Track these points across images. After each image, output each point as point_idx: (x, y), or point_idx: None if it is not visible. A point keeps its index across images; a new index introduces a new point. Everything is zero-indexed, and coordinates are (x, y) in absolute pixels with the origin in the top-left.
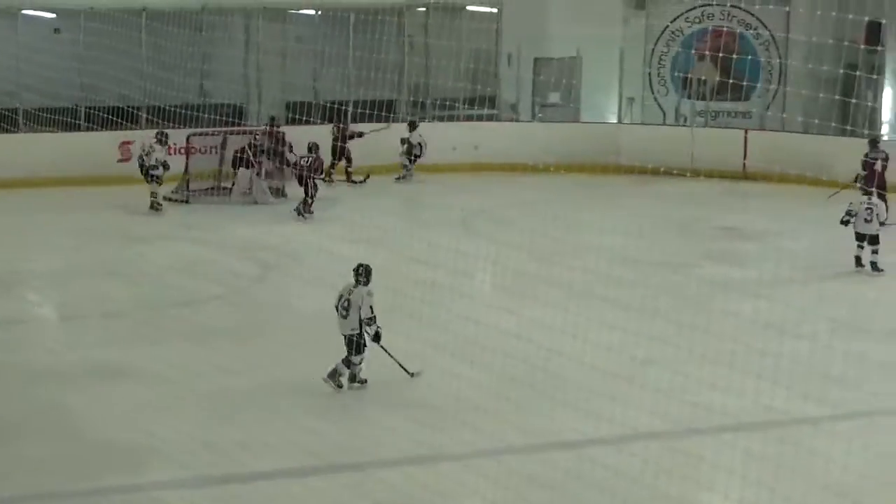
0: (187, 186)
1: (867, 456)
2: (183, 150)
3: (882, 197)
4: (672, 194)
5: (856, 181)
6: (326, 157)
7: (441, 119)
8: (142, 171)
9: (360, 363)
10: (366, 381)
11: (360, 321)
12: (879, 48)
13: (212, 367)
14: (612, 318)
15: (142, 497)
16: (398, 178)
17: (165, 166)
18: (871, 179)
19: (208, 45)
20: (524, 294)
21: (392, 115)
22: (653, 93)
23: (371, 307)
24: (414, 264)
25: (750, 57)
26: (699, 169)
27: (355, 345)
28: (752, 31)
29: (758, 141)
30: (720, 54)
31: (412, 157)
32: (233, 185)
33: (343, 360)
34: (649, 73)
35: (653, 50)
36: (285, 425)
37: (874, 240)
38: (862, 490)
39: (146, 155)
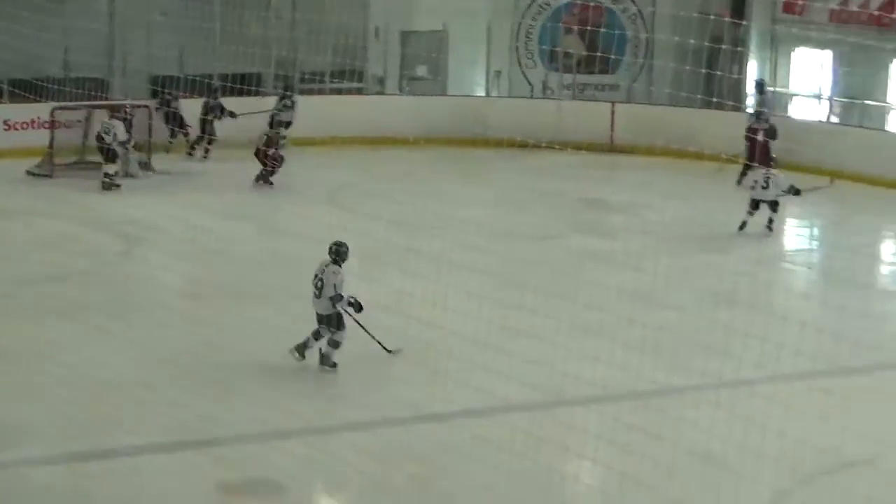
0: (51, 161)
1: (733, 423)
2: (47, 125)
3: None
4: (539, 167)
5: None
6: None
7: (308, 93)
8: (101, 150)
9: (337, 347)
10: (336, 364)
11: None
12: (743, 22)
13: (80, 342)
14: (483, 289)
15: (10, 474)
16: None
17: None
18: (754, 151)
19: (71, 17)
20: (394, 266)
21: (260, 90)
22: (520, 66)
23: (335, 285)
24: (283, 238)
25: (617, 31)
26: (566, 141)
27: (336, 321)
28: (618, 6)
29: (624, 113)
30: (587, 28)
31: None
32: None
33: (329, 342)
34: (516, 47)
35: (520, 23)
36: (156, 400)
37: (773, 205)
38: (727, 456)
39: (106, 133)
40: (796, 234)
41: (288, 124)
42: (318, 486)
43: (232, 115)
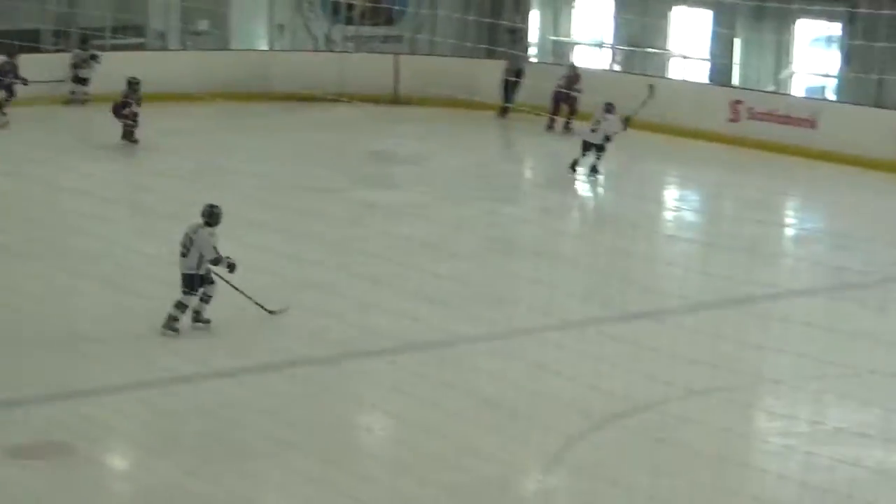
0: None
1: (524, 370)
2: None
3: (573, 112)
4: (324, 120)
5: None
6: None
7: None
8: None
9: (208, 301)
10: (209, 320)
11: (199, 261)
12: None
13: None
14: (272, 243)
15: None
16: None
17: None
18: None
19: None
20: (183, 222)
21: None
22: (303, 19)
23: (214, 247)
24: (68, 196)
25: None
26: (350, 94)
27: (189, 284)
28: None
29: (408, 65)
30: None
31: (83, 81)
32: None
33: (175, 305)
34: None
35: None
36: None
37: (598, 149)
38: (519, 402)
39: None
40: (582, 181)
41: (84, 80)
42: (106, 445)
43: (24, 82)
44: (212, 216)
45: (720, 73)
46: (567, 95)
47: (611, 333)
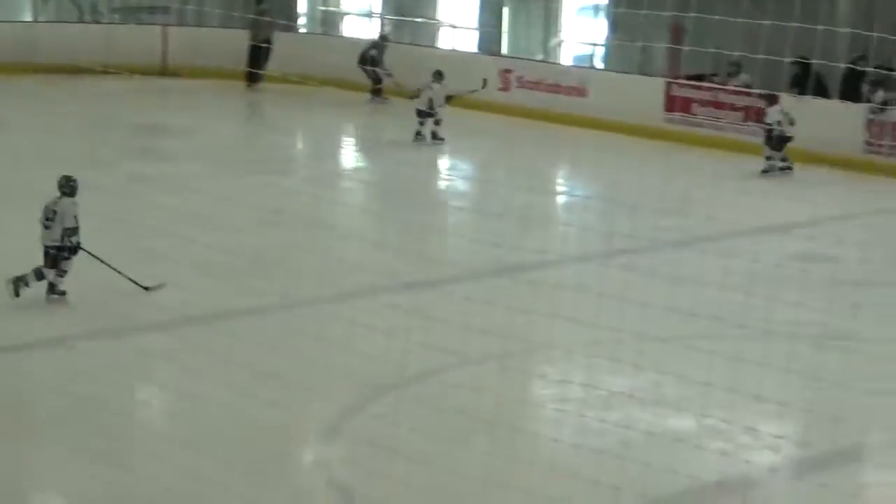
0: None
1: (298, 341)
2: None
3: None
4: (91, 93)
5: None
6: None
7: None
8: None
9: (63, 275)
10: (65, 292)
11: (63, 233)
12: None
13: None
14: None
15: None
16: None
17: None
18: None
19: None
20: None
21: None
22: None
23: (75, 217)
24: None
25: None
26: (118, 66)
27: (52, 257)
28: None
29: (176, 36)
30: None
31: None
32: None
33: (35, 270)
34: None
35: None
36: None
37: (427, 114)
38: (294, 373)
39: None
40: (353, 151)
41: None
42: None
43: None
44: (70, 186)
45: (489, 43)
46: (364, 68)
47: (386, 303)
